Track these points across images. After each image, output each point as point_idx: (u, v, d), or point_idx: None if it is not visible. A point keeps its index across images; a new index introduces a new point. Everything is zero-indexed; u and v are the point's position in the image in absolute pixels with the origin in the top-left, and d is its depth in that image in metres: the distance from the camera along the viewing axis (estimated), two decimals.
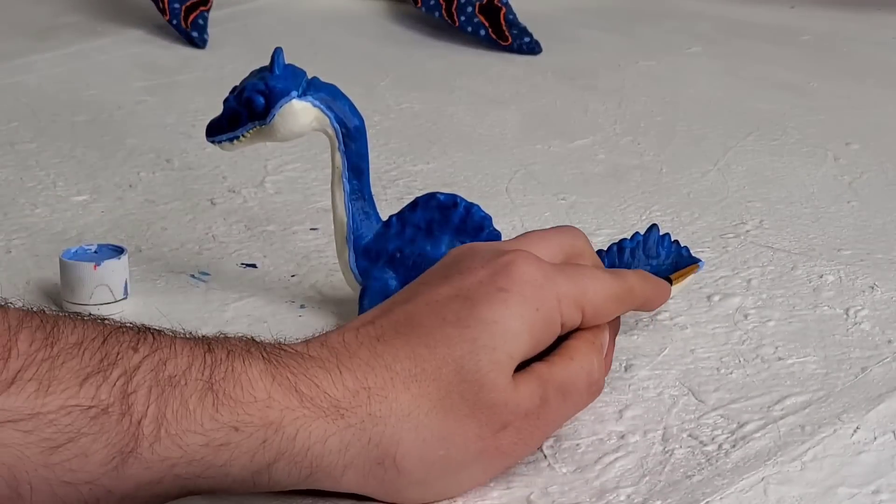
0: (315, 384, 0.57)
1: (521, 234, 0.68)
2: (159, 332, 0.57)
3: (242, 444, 0.55)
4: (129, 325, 0.57)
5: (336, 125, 0.77)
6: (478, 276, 0.61)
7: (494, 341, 0.59)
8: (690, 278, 0.77)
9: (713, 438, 0.66)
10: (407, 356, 0.58)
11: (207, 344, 0.57)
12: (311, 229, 0.93)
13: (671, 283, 0.74)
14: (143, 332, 0.57)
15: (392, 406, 0.57)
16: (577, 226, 0.92)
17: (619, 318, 0.69)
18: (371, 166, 0.80)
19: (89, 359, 0.54)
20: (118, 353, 0.55)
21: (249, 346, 0.58)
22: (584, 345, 0.63)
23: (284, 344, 0.59)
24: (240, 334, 0.59)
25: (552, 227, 0.70)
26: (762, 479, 0.62)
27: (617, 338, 0.76)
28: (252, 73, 0.78)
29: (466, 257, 0.63)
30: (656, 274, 0.76)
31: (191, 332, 0.59)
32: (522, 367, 0.61)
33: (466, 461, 0.59)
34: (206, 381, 0.55)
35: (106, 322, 0.57)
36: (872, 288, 0.83)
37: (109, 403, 0.54)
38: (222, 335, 0.59)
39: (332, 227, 0.79)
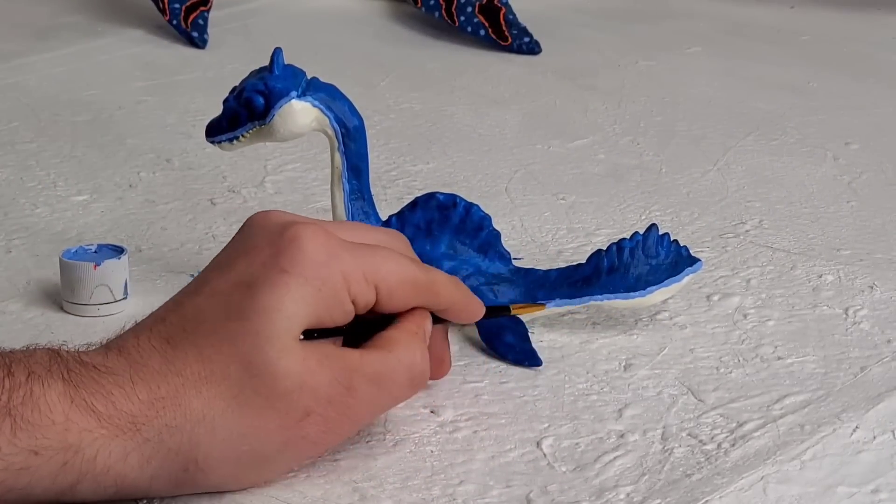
0: (111, 402, 0.57)
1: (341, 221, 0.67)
2: None
3: (42, 468, 0.55)
4: None
5: (336, 125, 0.77)
6: (262, 256, 0.60)
7: (277, 330, 0.58)
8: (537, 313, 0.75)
9: (713, 437, 0.66)
10: (196, 359, 0.58)
11: (8, 366, 0.56)
12: None
13: (509, 312, 0.73)
14: None
15: (186, 413, 0.57)
16: (576, 226, 0.93)
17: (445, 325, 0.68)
18: (371, 166, 0.80)
19: None
20: None
21: (51, 365, 0.57)
22: (404, 336, 0.63)
23: (85, 354, 0.58)
24: (46, 345, 0.59)
25: (376, 226, 0.69)
26: (762, 478, 0.62)
27: (615, 337, 0.77)
28: (251, 74, 0.78)
29: (255, 231, 0.62)
30: (655, 273, 0.76)
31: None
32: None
33: (272, 453, 0.59)
34: (5, 406, 0.55)
35: None
36: (872, 288, 0.83)
37: None
38: (28, 349, 0.58)
39: None
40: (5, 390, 0.55)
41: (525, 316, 0.76)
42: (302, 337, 0.59)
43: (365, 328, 0.63)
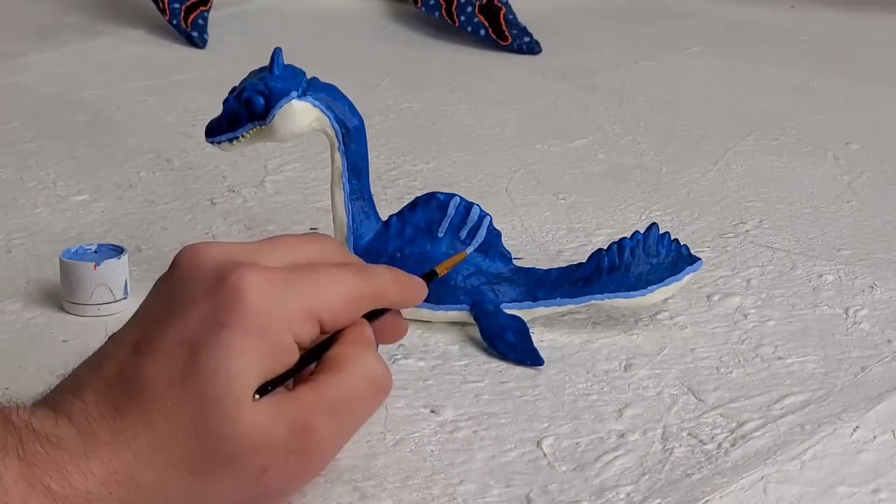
0: (67, 481, 0.55)
1: (268, 240, 0.64)
2: None
3: None
4: None
5: (336, 125, 0.77)
6: (201, 310, 0.58)
7: (218, 392, 0.56)
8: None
9: (713, 437, 0.66)
10: (144, 428, 0.56)
11: None
12: (311, 229, 0.93)
13: (437, 274, 0.71)
14: None
15: (138, 486, 0.56)
16: (577, 226, 0.93)
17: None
18: (371, 166, 0.80)
19: None
20: None
21: (5, 437, 0.55)
22: (351, 349, 0.60)
23: (35, 418, 0.56)
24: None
25: (304, 236, 0.66)
26: (762, 478, 0.62)
27: (616, 337, 0.77)
28: (252, 74, 0.78)
29: (189, 277, 0.59)
30: (656, 272, 0.76)
31: None
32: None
33: None
34: None
35: None
36: (872, 288, 0.83)
37: None
38: None
39: (332, 227, 0.79)
40: None
41: (525, 316, 0.76)
42: (257, 396, 0.57)
43: (313, 351, 0.61)
